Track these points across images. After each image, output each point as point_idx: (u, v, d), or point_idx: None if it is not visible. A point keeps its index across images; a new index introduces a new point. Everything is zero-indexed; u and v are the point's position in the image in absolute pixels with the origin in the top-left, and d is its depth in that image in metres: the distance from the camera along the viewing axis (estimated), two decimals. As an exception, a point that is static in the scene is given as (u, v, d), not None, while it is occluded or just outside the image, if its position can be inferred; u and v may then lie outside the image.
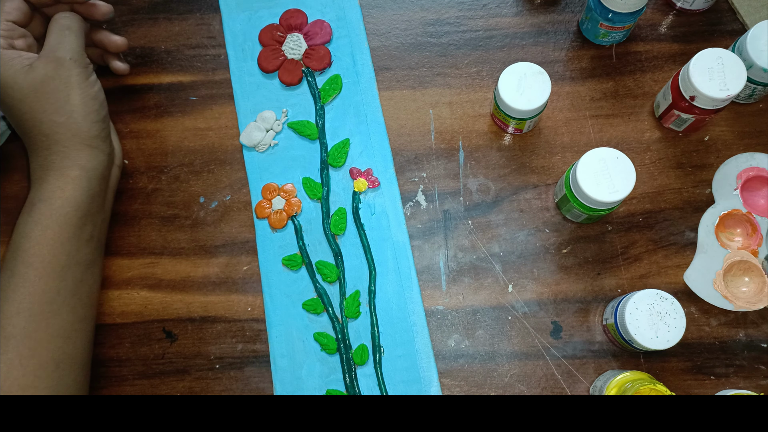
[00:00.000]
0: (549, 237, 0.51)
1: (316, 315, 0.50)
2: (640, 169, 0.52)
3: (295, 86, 0.55)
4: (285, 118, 0.54)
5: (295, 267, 0.51)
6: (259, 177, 0.53)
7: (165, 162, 0.54)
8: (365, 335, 0.50)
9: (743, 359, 0.48)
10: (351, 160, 0.53)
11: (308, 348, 0.50)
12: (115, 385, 0.50)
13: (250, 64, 0.56)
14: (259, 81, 0.55)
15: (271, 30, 0.56)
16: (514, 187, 0.52)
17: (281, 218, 0.52)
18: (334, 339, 0.50)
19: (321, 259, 0.51)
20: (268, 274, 0.51)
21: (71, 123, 0.45)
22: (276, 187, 0.53)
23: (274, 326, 0.50)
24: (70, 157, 0.45)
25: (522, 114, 0.49)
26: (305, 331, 0.50)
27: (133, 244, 0.53)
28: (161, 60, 0.56)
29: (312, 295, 0.51)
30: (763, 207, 0.50)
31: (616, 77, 0.54)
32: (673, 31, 0.55)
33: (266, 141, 0.54)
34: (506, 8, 0.57)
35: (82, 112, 0.45)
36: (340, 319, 0.50)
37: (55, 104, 0.45)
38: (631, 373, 0.45)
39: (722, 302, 0.48)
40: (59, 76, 0.45)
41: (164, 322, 0.51)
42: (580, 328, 0.49)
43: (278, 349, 0.50)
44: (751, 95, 0.51)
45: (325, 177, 0.53)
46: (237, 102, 0.55)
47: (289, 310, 0.50)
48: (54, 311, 0.43)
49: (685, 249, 0.50)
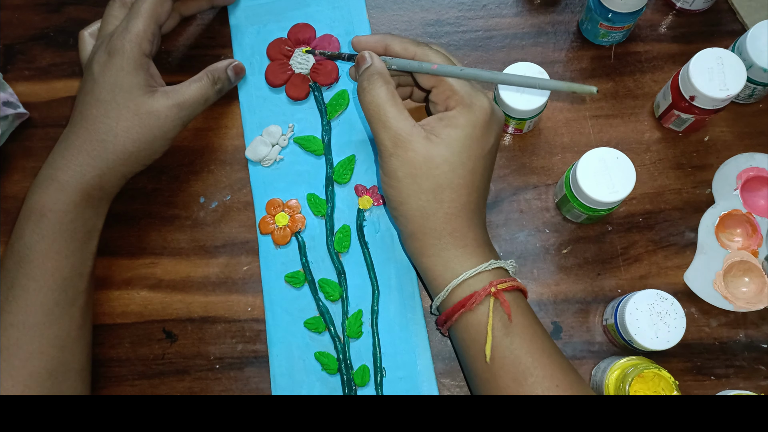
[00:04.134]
0: (549, 237, 0.51)
1: (317, 334, 0.50)
2: (640, 170, 0.52)
3: (301, 101, 0.55)
4: (291, 133, 0.54)
5: (298, 284, 0.51)
6: (264, 192, 0.53)
7: (165, 162, 0.54)
8: (367, 356, 0.49)
9: (743, 360, 0.48)
10: (356, 177, 0.53)
11: (309, 367, 0.49)
12: (115, 385, 0.50)
13: (258, 78, 0.55)
14: (266, 95, 0.55)
15: (279, 44, 0.55)
16: (514, 188, 0.52)
17: (285, 234, 0.51)
18: (335, 359, 0.49)
19: (324, 276, 0.51)
20: (271, 291, 0.51)
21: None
22: (280, 202, 0.52)
23: (275, 344, 0.50)
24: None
25: (522, 114, 0.49)
26: (306, 350, 0.49)
27: (133, 244, 0.53)
28: (161, 60, 0.56)
29: (314, 314, 0.50)
30: (763, 207, 0.50)
31: (615, 77, 0.54)
32: (673, 32, 0.55)
33: (272, 156, 0.53)
34: (506, 8, 0.57)
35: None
36: (342, 338, 0.49)
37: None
38: (636, 357, 0.45)
39: (722, 302, 0.48)
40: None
41: (164, 323, 0.51)
42: (580, 328, 0.49)
43: (278, 368, 0.49)
44: (750, 95, 0.52)
45: (330, 193, 0.52)
46: (243, 115, 0.55)
47: (291, 328, 0.50)
48: (51, 321, 0.43)
49: (685, 249, 0.50)
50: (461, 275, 0.42)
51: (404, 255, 0.51)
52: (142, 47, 0.46)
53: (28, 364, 0.42)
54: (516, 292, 0.43)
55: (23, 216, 0.44)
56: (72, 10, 0.59)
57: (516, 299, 0.42)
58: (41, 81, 0.57)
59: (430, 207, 0.43)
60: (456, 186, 0.42)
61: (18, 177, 0.54)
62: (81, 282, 0.45)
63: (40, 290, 0.43)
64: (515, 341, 0.40)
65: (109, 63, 0.46)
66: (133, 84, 0.45)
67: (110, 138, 0.45)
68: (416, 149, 0.42)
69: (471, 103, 0.43)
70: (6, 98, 0.53)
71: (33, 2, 0.59)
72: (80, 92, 0.47)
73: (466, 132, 0.42)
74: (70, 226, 0.44)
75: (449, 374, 0.49)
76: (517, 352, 0.40)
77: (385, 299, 0.50)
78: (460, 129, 0.42)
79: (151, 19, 0.47)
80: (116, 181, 0.46)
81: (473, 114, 0.42)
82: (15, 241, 0.44)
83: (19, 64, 0.57)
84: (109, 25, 0.48)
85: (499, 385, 0.41)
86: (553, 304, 0.50)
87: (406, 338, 0.49)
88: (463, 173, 0.42)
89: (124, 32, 0.46)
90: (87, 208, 0.45)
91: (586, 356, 0.49)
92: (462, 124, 0.42)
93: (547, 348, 0.41)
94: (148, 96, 0.46)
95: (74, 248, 0.44)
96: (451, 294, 0.43)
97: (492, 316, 0.41)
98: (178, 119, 0.47)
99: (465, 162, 0.42)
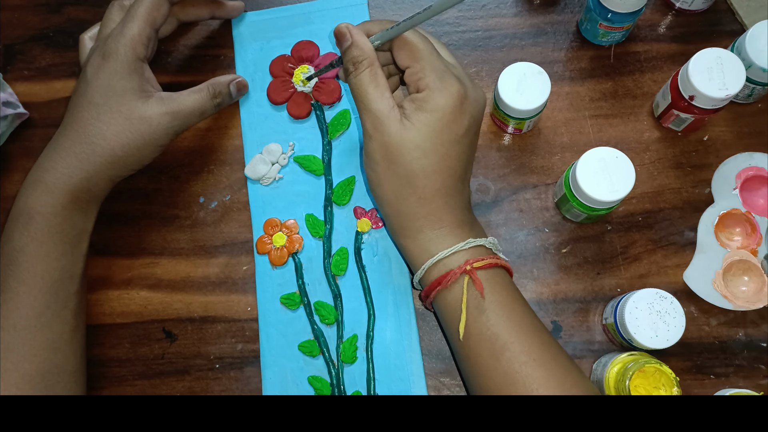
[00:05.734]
0: (549, 237, 0.51)
1: (311, 357, 0.49)
2: (639, 169, 0.52)
3: (303, 119, 0.54)
4: (291, 152, 0.54)
5: (293, 306, 0.50)
6: (262, 211, 0.52)
7: (165, 162, 0.54)
8: (361, 382, 0.49)
9: (743, 359, 0.48)
10: (356, 199, 0.52)
11: (302, 392, 0.48)
12: (115, 385, 0.50)
13: (260, 95, 0.55)
14: (267, 112, 0.55)
15: (282, 61, 0.55)
16: (513, 187, 0.52)
17: (282, 255, 0.51)
18: (328, 384, 0.48)
19: (320, 299, 0.50)
20: (266, 313, 0.50)
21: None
22: (278, 222, 0.52)
23: (268, 367, 0.49)
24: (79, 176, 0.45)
25: (521, 114, 0.49)
26: (300, 374, 0.49)
27: (133, 244, 0.53)
28: (161, 60, 0.56)
29: (308, 337, 0.50)
30: (762, 206, 0.50)
31: (615, 77, 0.54)
32: (672, 32, 0.55)
33: (271, 174, 0.53)
34: (506, 8, 0.57)
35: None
36: (336, 363, 0.49)
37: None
38: (637, 352, 0.45)
39: (722, 301, 0.48)
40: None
41: (164, 322, 0.51)
42: (580, 327, 0.49)
43: (272, 391, 0.49)
44: (750, 95, 0.52)
45: (329, 215, 0.52)
46: (244, 132, 0.54)
47: (285, 351, 0.49)
48: (42, 324, 0.43)
49: (685, 248, 0.50)
50: (436, 255, 0.42)
51: (402, 280, 0.50)
52: (137, 51, 0.46)
53: (20, 366, 0.42)
54: (497, 269, 0.43)
55: (12, 218, 0.44)
56: (72, 11, 0.59)
57: (495, 276, 0.42)
58: (41, 81, 0.57)
59: (404, 191, 0.43)
60: (429, 172, 0.42)
61: (18, 177, 0.54)
62: (72, 284, 0.44)
63: (30, 293, 0.42)
64: (492, 318, 0.41)
65: (103, 66, 0.45)
66: (126, 88, 0.45)
67: (99, 141, 0.44)
68: (391, 133, 0.42)
69: (440, 87, 0.42)
70: (6, 98, 0.53)
71: (33, 2, 0.59)
72: (73, 94, 0.47)
73: (436, 116, 0.41)
74: (59, 228, 0.44)
75: (449, 373, 0.49)
76: (493, 329, 0.41)
77: (381, 325, 0.50)
78: (429, 113, 0.41)
79: (147, 23, 0.47)
80: (104, 185, 0.46)
81: (442, 98, 0.41)
82: (4, 244, 0.43)
83: (19, 64, 0.57)
84: (108, 28, 0.48)
85: (478, 361, 0.41)
86: (552, 304, 0.50)
87: (401, 366, 0.49)
88: (436, 159, 0.42)
89: (118, 36, 0.46)
90: (75, 210, 0.44)
91: (586, 355, 0.49)
92: (431, 108, 0.41)
93: (525, 324, 0.41)
94: (141, 101, 0.45)
95: (64, 250, 0.44)
96: (429, 272, 0.43)
97: (467, 293, 0.41)
98: (170, 127, 0.47)
99: (437, 147, 0.42)
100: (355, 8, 0.57)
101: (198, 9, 0.54)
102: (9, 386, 0.41)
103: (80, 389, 0.45)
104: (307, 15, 0.57)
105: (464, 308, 0.41)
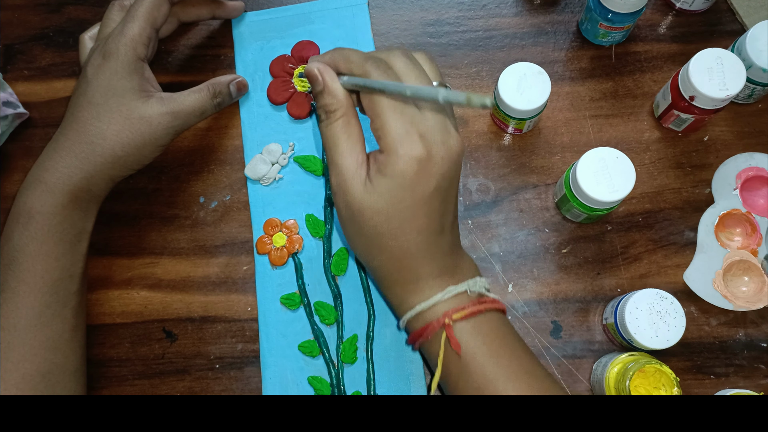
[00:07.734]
0: (549, 237, 0.51)
1: (311, 358, 0.49)
2: (639, 169, 0.52)
3: (303, 119, 0.54)
4: (291, 152, 0.54)
5: (293, 306, 0.50)
6: (262, 211, 0.52)
7: (165, 162, 0.54)
8: (360, 382, 0.49)
9: (743, 359, 0.48)
10: None
11: (302, 392, 0.48)
12: (115, 385, 0.50)
13: (260, 95, 0.55)
14: (268, 112, 0.55)
15: (282, 61, 0.55)
16: (513, 187, 0.52)
17: (282, 255, 0.51)
18: (328, 384, 0.48)
19: (320, 299, 0.50)
20: (266, 313, 0.50)
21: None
22: (278, 222, 0.52)
23: (268, 367, 0.49)
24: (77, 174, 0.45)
25: (522, 114, 0.49)
26: (300, 374, 0.49)
27: (133, 244, 0.53)
28: (161, 60, 0.56)
29: (308, 337, 0.50)
30: (762, 206, 0.50)
31: (615, 77, 0.54)
32: (673, 32, 0.55)
33: (271, 174, 0.52)
34: (506, 8, 0.57)
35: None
36: (336, 363, 0.49)
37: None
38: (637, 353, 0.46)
39: (722, 302, 0.48)
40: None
41: (164, 322, 0.51)
42: (580, 327, 0.49)
43: (272, 391, 0.49)
44: (750, 95, 0.52)
45: (329, 214, 0.52)
46: (244, 132, 0.54)
47: (285, 351, 0.49)
48: (42, 324, 0.43)
49: (685, 249, 0.50)
50: (415, 308, 0.41)
51: None
52: (137, 51, 0.46)
53: (20, 366, 0.42)
54: (485, 313, 0.41)
55: (12, 218, 0.44)
56: (72, 11, 0.59)
57: (481, 323, 0.41)
58: (41, 81, 0.57)
59: (372, 251, 0.41)
60: (395, 233, 0.40)
61: (18, 177, 0.54)
62: (72, 284, 0.44)
63: (30, 293, 0.42)
64: (478, 366, 0.40)
65: (103, 66, 0.45)
66: (126, 88, 0.45)
67: (99, 141, 0.44)
68: (354, 194, 0.39)
69: (399, 151, 0.38)
70: (6, 98, 0.53)
71: (33, 2, 0.59)
72: (74, 94, 0.47)
73: (397, 182, 0.38)
74: (59, 227, 0.43)
75: (449, 374, 0.49)
76: (479, 379, 0.40)
77: (381, 325, 0.50)
78: (390, 179, 0.38)
79: (147, 23, 0.47)
80: (104, 184, 0.46)
81: (401, 162, 0.38)
82: (4, 244, 0.43)
83: (19, 64, 0.57)
84: (108, 28, 0.48)
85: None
86: (552, 304, 0.50)
87: (401, 366, 0.49)
88: (400, 222, 0.39)
89: (119, 35, 0.46)
90: (75, 210, 0.44)
91: (586, 355, 0.49)
92: (390, 173, 0.38)
93: (514, 368, 0.40)
94: (141, 101, 0.45)
95: (64, 250, 0.44)
96: (410, 323, 0.42)
97: (443, 350, 0.40)
98: (170, 127, 0.46)
99: (401, 211, 0.39)
100: (355, 8, 0.57)
101: (198, 9, 0.54)
102: (9, 386, 0.41)
103: (80, 389, 0.45)
104: (307, 15, 0.57)
105: (440, 364, 0.40)
